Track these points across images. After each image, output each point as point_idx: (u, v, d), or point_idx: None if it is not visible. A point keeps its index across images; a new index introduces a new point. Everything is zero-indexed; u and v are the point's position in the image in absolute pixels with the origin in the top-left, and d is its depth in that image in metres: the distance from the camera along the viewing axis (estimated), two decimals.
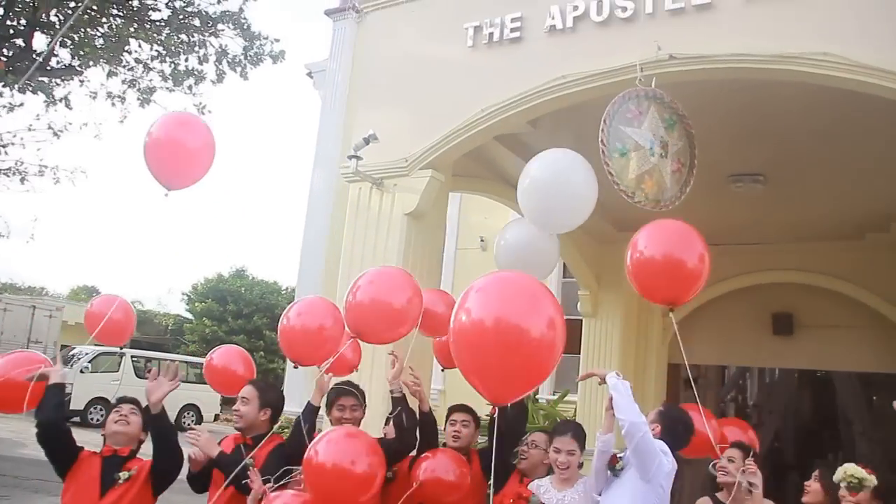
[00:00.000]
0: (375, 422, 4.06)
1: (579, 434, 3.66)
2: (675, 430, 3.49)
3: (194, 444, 3.44)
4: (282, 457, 3.42)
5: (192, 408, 19.85)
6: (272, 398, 3.68)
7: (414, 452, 3.83)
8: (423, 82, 5.34)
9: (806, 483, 3.89)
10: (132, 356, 19.30)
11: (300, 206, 17.02)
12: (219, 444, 3.60)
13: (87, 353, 18.72)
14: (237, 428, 3.63)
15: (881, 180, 6.06)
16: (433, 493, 3.56)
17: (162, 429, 3.33)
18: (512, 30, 4.95)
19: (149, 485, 3.29)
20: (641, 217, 3.81)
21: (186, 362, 20.82)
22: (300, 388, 13.88)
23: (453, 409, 4.22)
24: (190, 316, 28.01)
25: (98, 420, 17.99)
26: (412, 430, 3.75)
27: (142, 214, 79.99)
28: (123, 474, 3.25)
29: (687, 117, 4.30)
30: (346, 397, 3.87)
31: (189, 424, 19.56)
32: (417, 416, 3.84)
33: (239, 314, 25.72)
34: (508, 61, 4.96)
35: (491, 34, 5.03)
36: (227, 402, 25.50)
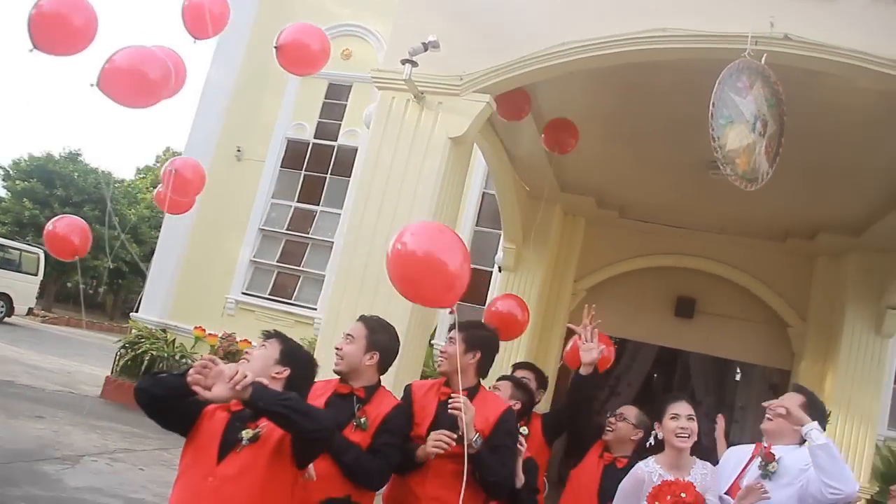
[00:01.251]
0: None
1: (691, 400, 3.46)
2: (822, 424, 3.15)
3: None
4: (403, 429, 3.00)
5: (2, 297, 17.46)
6: (384, 340, 3.07)
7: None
8: None
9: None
10: None
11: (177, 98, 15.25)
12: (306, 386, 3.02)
13: None
14: (337, 372, 3.03)
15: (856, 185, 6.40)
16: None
17: (270, 409, 2.33)
18: None
19: (285, 449, 2.43)
20: (588, 180, 3.67)
21: None
22: (162, 294, 12.69)
23: (517, 367, 3.99)
24: (5, 193, 24.53)
25: None
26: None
27: None
28: (247, 433, 2.41)
29: (784, 102, 4.24)
30: None
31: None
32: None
33: (67, 201, 22.78)
34: None
35: None
36: (42, 296, 22.83)
